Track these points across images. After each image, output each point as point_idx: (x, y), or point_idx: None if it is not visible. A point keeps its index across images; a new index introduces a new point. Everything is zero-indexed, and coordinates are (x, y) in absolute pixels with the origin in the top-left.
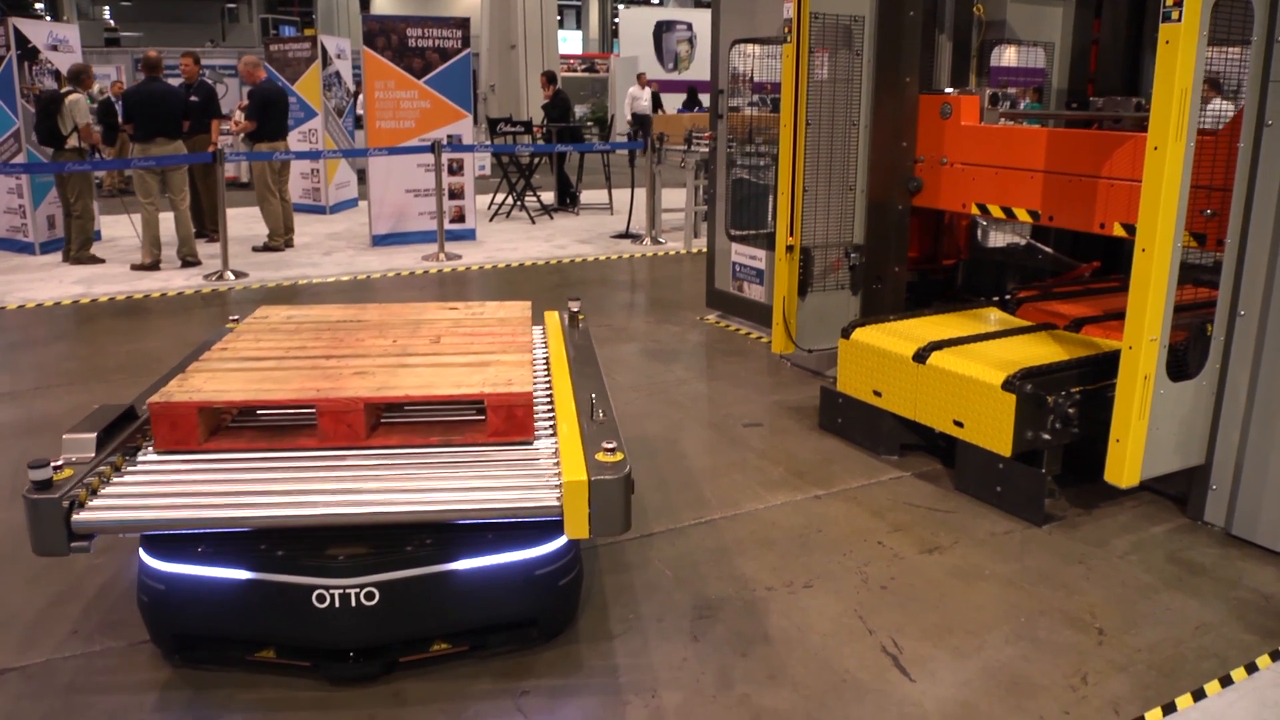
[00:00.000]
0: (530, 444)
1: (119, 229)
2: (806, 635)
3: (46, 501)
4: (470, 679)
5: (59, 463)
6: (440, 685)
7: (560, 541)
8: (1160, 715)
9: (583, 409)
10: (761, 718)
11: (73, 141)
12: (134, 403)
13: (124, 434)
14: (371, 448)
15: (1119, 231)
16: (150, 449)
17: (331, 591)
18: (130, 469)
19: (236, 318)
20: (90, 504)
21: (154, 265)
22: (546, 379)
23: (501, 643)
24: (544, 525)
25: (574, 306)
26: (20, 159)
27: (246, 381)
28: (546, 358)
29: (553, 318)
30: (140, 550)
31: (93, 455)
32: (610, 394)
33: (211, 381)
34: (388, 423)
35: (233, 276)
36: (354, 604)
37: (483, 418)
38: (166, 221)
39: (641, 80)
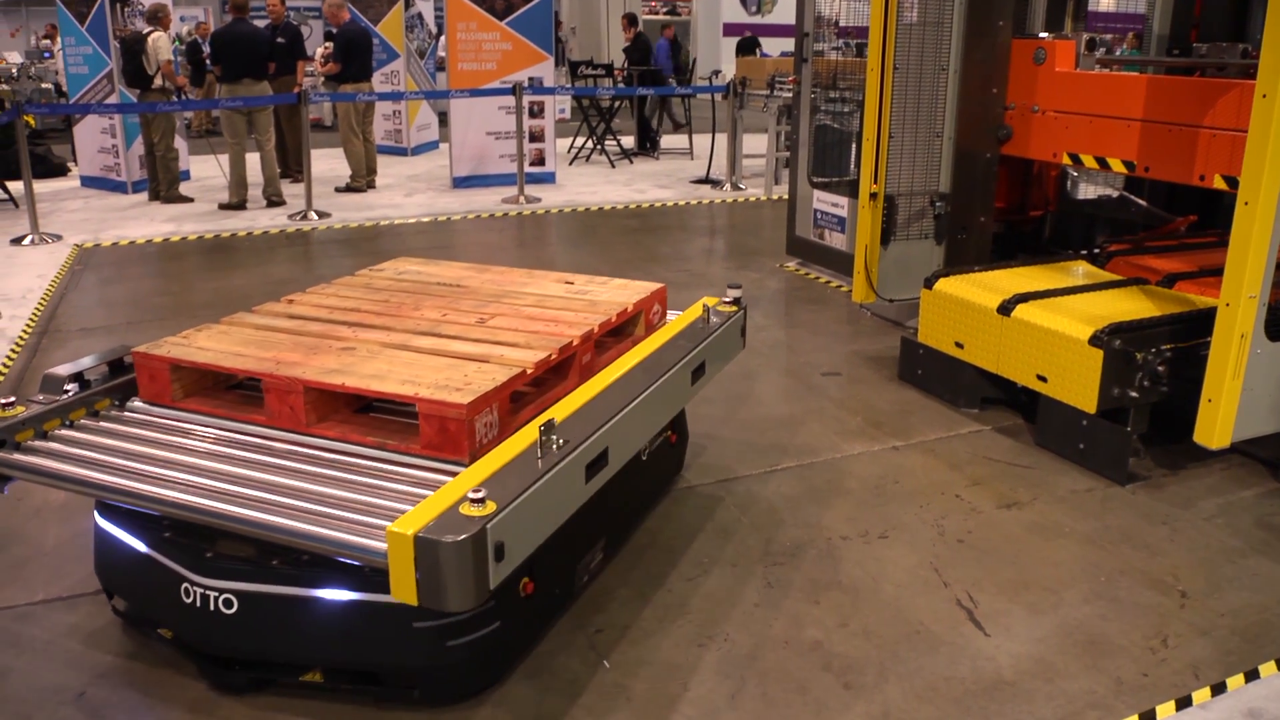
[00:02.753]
0: (465, 466)
1: (206, 169)
2: (880, 585)
3: None
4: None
5: (9, 400)
6: None
7: None
8: (1243, 681)
9: (549, 431)
10: (833, 665)
11: (159, 81)
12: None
13: (127, 378)
14: (311, 435)
15: (1219, 184)
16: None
17: (195, 589)
18: (106, 416)
19: (381, 268)
20: (28, 446)
21: (240, 205)
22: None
23: (390, 694)
24: None
25: (731, 294)
26: (113, 99)
27: (237, 343)
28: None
29: (694, 309)
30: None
31: (57, 396)
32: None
33: (211, 339)
34: (377, 412)
35: (316, 216)
36: (212, 607)
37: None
38: (252, 162)
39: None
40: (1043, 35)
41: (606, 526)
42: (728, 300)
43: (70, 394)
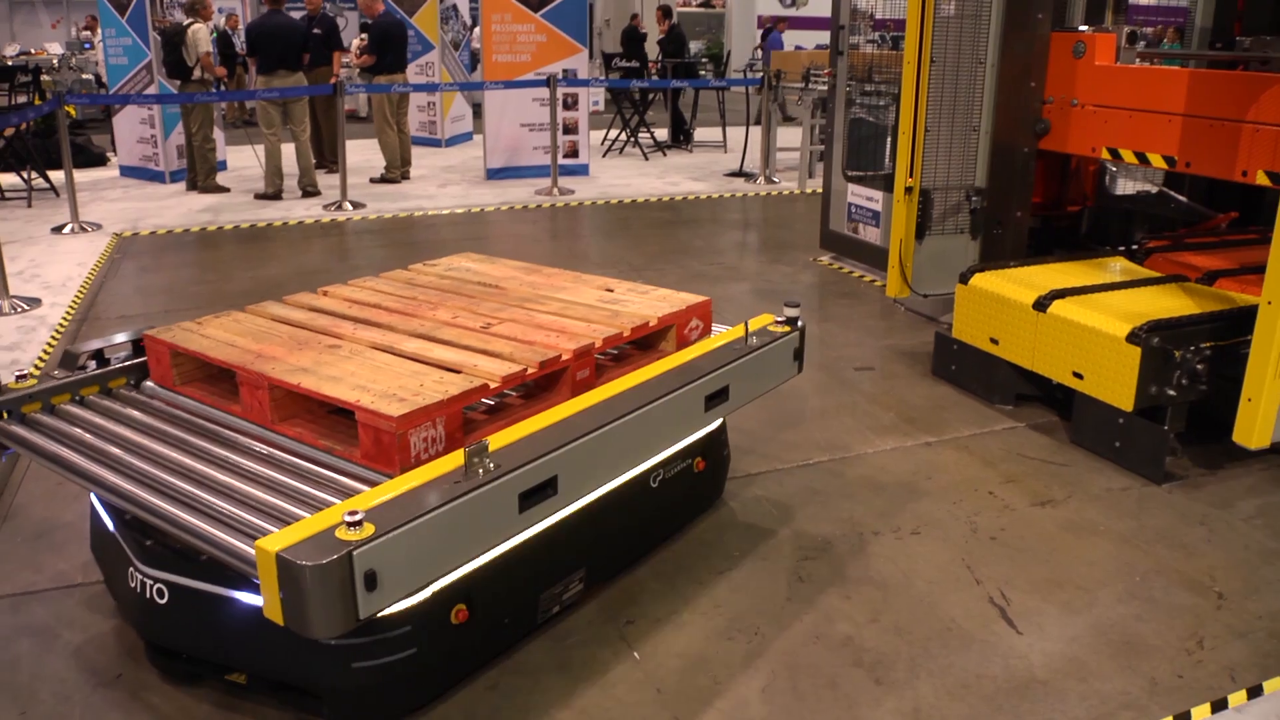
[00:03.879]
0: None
1: (243, 159)
2: (912, 581)
3: None
4: (574, 610)
5: (23, 373)
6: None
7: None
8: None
9: (480, 454)
10: (864, 660)
11: (198, 73)
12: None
13: (142, 359)
14: (274, 431)
15: (1262, 180)
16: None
17: (137, 575)
18: (116, 395)
19: (436, 263)
20: (31, 418)
21: (276, 195)
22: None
23: (309, 706)
24: None
25: (788, 313)
26: (152, 90)
27: (238, 333)
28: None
29: (736, 329)
30: None
31: (69, 372)
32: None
33: (219, 327)
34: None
35: (351, 207)
36: (148, 595)
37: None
38: (288, 152)
39: None
40: (1083, 28)
41: (587, 557)
42: (781, 320)
43: (86, 371)
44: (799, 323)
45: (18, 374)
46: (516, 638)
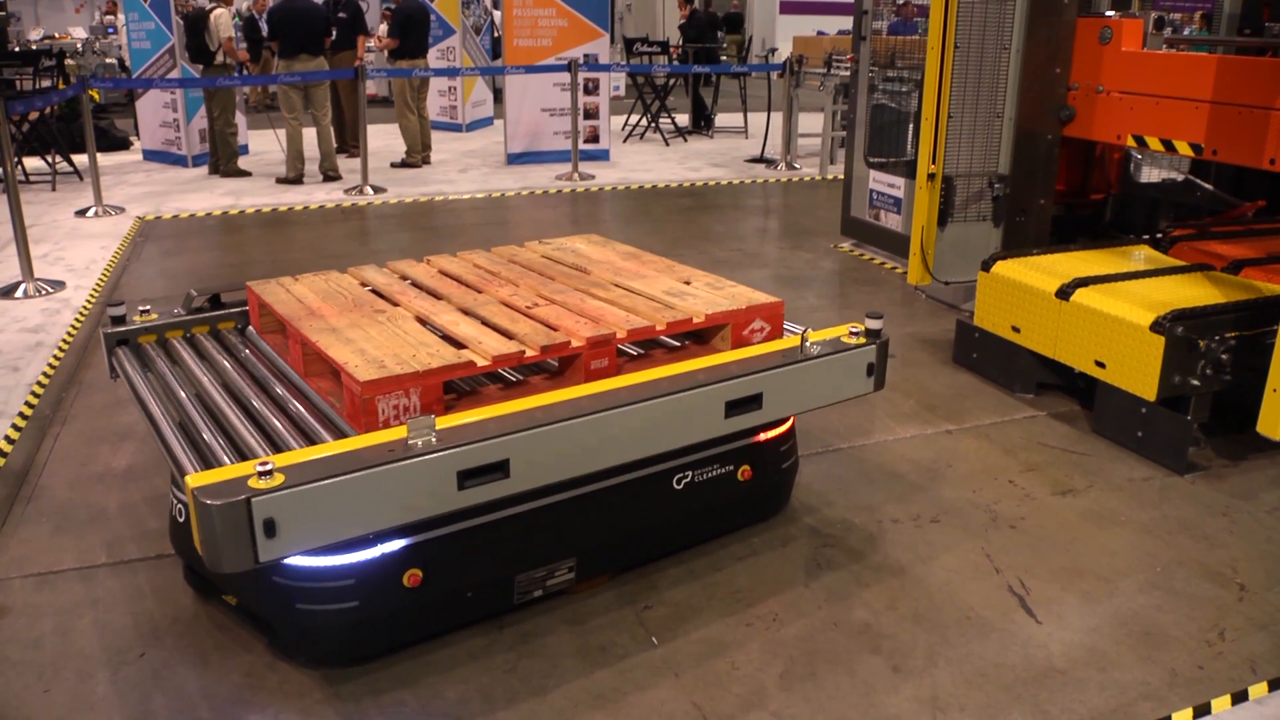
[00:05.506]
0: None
1: (264, 143)
2: (931, 569)
3: (103, 333)
4: (593, 595)
5: (146, 307)
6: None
7: (322, 559)
8: None
9: (424, 428)
10: (882, 647)
11: (220, 57)
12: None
13: (244, 307)
14: (305, 381)
15: None
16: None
17: (173, 495)
18: (221, 335)
19: (549, 241)
20: (146, 348)
21: (297, 179)
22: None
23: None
24: None
25: (870, 324)
26: (175, 74)
27: (314, 291)
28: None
29: (792, 339)
30: None
31: (184, 313)
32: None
33: (304, 285)
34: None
35: (371, 191)
36: (173, 513)
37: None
38: (309, 137)
39: None
40: (1109, 14)
41: (578, 547)
42: (856, 331)
43: (200, 312)
44: (880, 336)
45: (141, 308)
46: (486, 613)
